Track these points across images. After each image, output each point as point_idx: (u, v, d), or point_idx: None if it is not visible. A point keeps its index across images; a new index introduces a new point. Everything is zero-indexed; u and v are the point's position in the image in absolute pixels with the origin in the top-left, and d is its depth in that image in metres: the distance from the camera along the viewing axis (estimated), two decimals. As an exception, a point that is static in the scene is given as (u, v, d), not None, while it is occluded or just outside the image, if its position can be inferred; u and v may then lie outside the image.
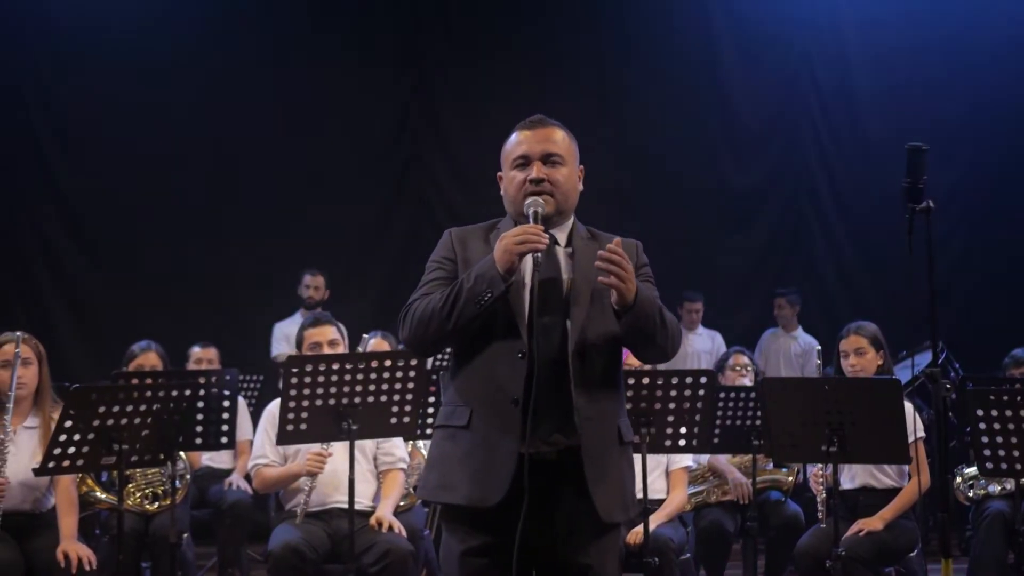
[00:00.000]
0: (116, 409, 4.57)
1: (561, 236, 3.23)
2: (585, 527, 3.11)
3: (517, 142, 3.25)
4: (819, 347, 5.70)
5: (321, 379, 4.62)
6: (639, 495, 5.15)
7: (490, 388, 3.10)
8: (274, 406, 5.10)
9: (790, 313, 9.79)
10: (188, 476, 5.77)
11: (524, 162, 3.21)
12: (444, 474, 3.15)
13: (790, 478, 6.20)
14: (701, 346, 9.72)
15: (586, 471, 3.07)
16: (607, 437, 3.14)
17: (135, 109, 9.72)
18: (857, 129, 10.50)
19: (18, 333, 5.05)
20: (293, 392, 4.63)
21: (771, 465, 6.18)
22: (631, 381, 4.87)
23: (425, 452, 5.63)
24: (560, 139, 3.25)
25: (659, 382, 4.96)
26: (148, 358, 6.14)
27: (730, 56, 10.54)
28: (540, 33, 10.37)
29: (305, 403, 4.64)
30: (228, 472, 6.75)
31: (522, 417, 3.03)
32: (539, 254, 3.03)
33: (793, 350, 9.72)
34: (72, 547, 4.83)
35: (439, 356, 6.60)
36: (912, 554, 5.31)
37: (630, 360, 5.83)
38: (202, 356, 7.29)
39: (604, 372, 3.15)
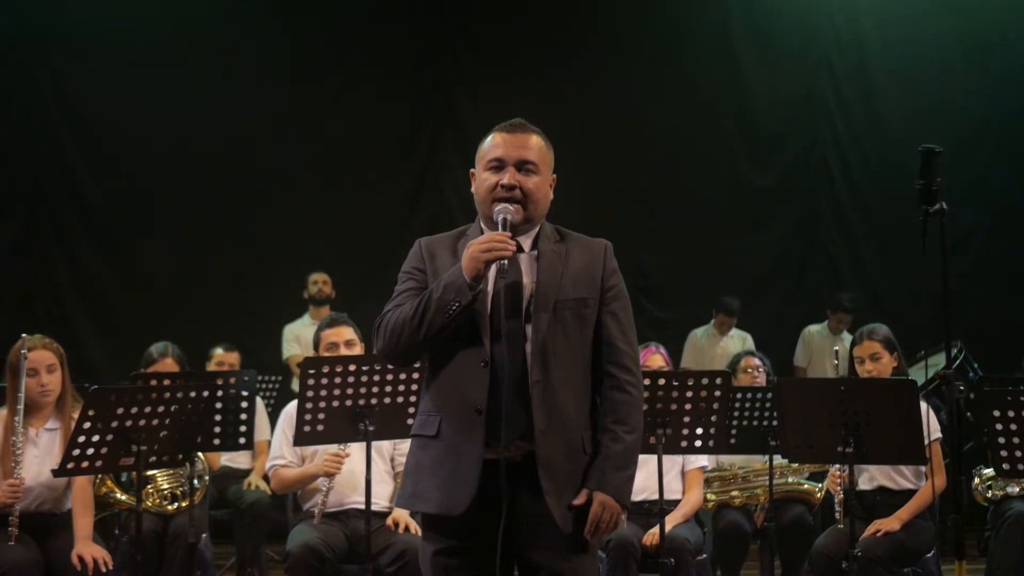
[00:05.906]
0: (134, 410, 4.58)
1: (527, 242, 3.21)
2: (555, 531, 3.10)
3: (493, 144, 3.23)
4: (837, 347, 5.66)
5: (338, 380, 4.63)
6: (655, 496, 5.17)
7: (456, 397, 3.11)
8: (291, 407, 5.11)
9: (844, 327, 9.69)
10: (207, 476, 5.80)
11: (498, 165, 3.20)
12: (417, 483, 3.18)
13: (819, 495, 6.05)
14: (733, 348, 9.65)
15: (542, 483, 3.06)
16: (568, 448, 3.12)
17: (155, 111, 9.77)
18: (875, 128, 10.48)
19: (37, 336, 5.08)
20: (310, 393, 4.64)
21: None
22: (647, 382, 4.84)
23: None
24: (536, 146, 3.22)
25: (675, 383, 4.96)
26: (165, 364, 6.16)
27: (749, 55, 10.54)
28: (559, 34, 10.37)
29: (322, 404, 4.65)
30: (247, 472, 6.78)
31: (486, 426, 3.05)
32: (504, 262, 3.03)
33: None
34: (87, 549, 4.85)
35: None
36: (928, 555, 5.29)
37: (647, 362, 5.85)
38: (224, 359, 7.25)
39: (566, 381, 3.13)
